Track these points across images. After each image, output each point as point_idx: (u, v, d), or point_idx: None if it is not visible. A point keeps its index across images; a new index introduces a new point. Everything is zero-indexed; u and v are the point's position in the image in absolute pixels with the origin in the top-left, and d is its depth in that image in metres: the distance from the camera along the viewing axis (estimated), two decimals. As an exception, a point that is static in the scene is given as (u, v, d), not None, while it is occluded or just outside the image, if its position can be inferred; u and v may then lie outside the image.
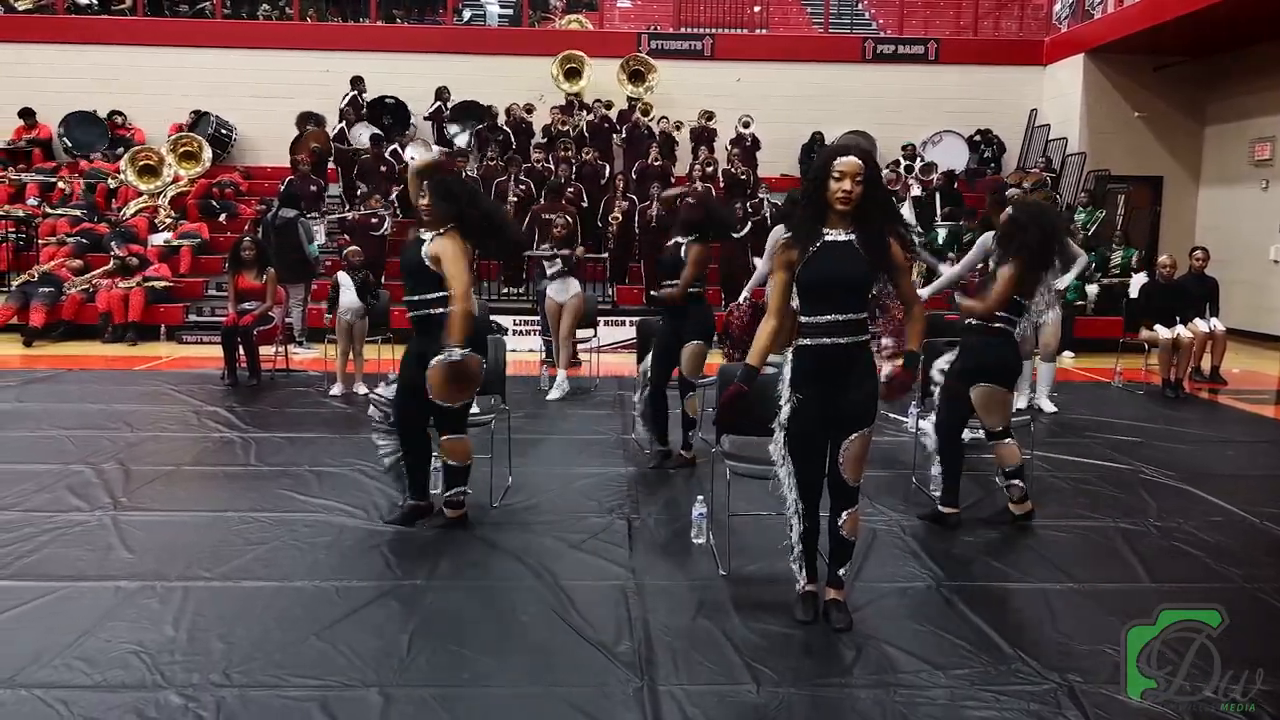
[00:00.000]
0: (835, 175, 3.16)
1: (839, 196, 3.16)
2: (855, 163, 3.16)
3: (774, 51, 14.80)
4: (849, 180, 3.15)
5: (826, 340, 3.22)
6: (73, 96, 13.83)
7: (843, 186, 3.15)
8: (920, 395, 5.08)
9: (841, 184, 3.16)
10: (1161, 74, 13.38)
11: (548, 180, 11.08)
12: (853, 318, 3.24)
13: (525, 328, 10.43)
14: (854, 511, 3.37)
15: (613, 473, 5.39)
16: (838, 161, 3.18)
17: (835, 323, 3.21)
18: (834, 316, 3.21)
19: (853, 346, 3.25)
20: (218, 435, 6.13)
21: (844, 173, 3.15)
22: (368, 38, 14.57)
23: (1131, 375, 8.85)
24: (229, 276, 8.22)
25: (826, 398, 3.26)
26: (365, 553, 4.04)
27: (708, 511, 4.20)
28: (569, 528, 4.38)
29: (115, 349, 10.12)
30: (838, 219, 3.23)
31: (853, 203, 3.17)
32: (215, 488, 5.02)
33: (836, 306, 3.21)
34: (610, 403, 7.48)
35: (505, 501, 4.78)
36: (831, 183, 3.17)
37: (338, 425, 6.47)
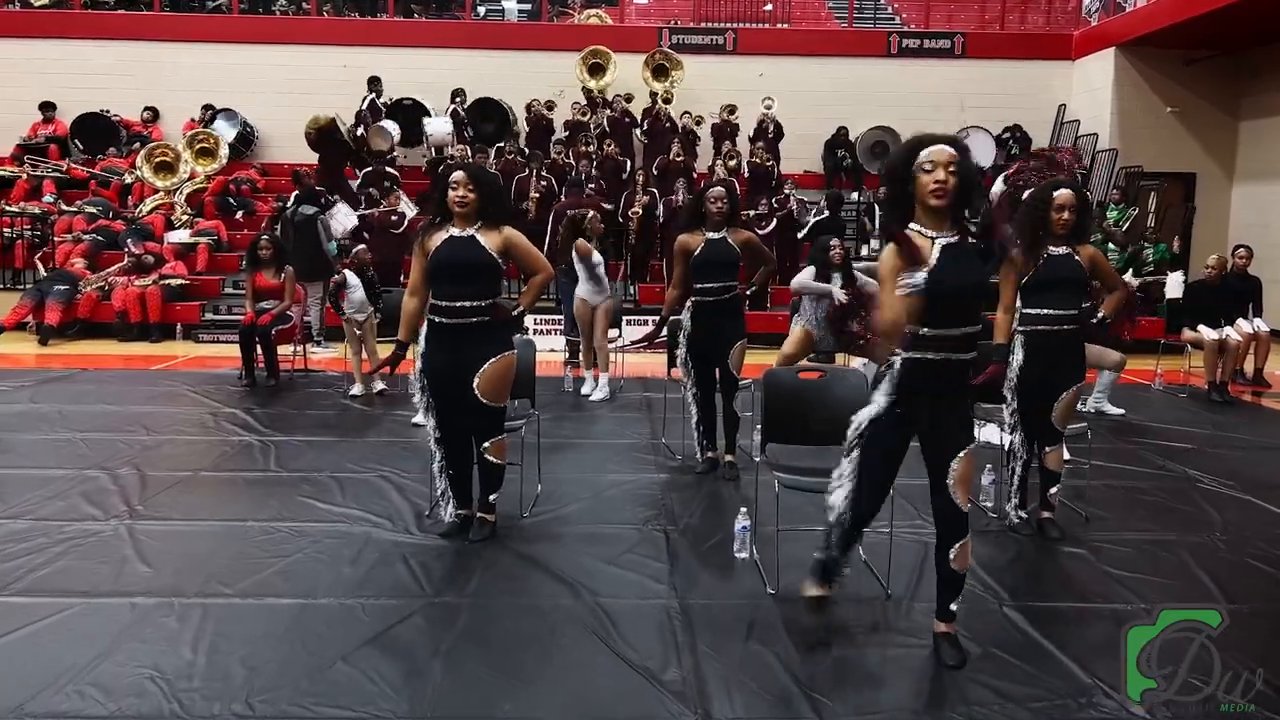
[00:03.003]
0: (926, 167, 2.88)
1: (932, 189, 2.88)
2: (948, 151, 2.90)
3: (797, 46, 14.55)
4: (942, 169, 2.87)
5: (946, 355, 2.96)
6: (89, 93, 13.73)
7: (935, 177, 2.87)
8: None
9: (934, 175, 2.87)
10: (1194, 68, 13.07)
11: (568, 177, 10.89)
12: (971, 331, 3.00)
13: (548, 327, 10.23)
14: (965, 543, 3.07)
15: (644, 479, 5.18)
16: (926, 152, 2.90)
17: (961, 336, 2.97)
18: (963, 329, 2.97)
19: (969, 362, 3.03)
20: (236, 439, 5.94)
21: (936, 162, 2.87)
22: (385, 33, 14.40)
23: (1171, 377, 8.60)
24: (246, 275, 8.05)
25: (927, 412, 3.02)
26: (391, 566, 3.84)
27: (751, 525, 3.97)
28: (604, 540, 4.17)
29: (131, 348, 9.98)
30: (932, 218, 2.96)
31: (949, 195, 2.89)
32: (234, 495, 4.83)
33: (964, 318, 2.97)
34: (637, 404, 7.27)
35: (535, 510, 4.57)
36: (922, 175, 2.90)
37: (359, 428, 6.29)
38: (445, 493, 4.24)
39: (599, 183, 11.40)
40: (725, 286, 5.12)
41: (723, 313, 5.13)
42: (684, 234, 5.20)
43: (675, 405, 5.96)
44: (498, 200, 4.15)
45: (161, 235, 11.63)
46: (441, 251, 4.00)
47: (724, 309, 5.13)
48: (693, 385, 5.28)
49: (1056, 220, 4.10)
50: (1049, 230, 4.12)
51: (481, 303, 4.00)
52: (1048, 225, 4.11)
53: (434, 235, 4.05)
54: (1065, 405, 4.27)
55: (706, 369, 5.24)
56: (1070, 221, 4.12)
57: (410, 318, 4.15)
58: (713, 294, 5.12)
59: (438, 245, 4.01)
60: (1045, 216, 4.11)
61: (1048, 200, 4.12)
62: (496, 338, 4.05)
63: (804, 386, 4.00)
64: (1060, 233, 4.14)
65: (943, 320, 2.93)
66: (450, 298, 3.98)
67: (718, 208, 5.05)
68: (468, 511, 4.25)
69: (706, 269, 5.10)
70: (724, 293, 5.12)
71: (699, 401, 5.30)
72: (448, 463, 4.20)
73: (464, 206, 3.99)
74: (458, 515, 4.23)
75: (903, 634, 3.35)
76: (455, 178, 4.02)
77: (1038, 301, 4.21)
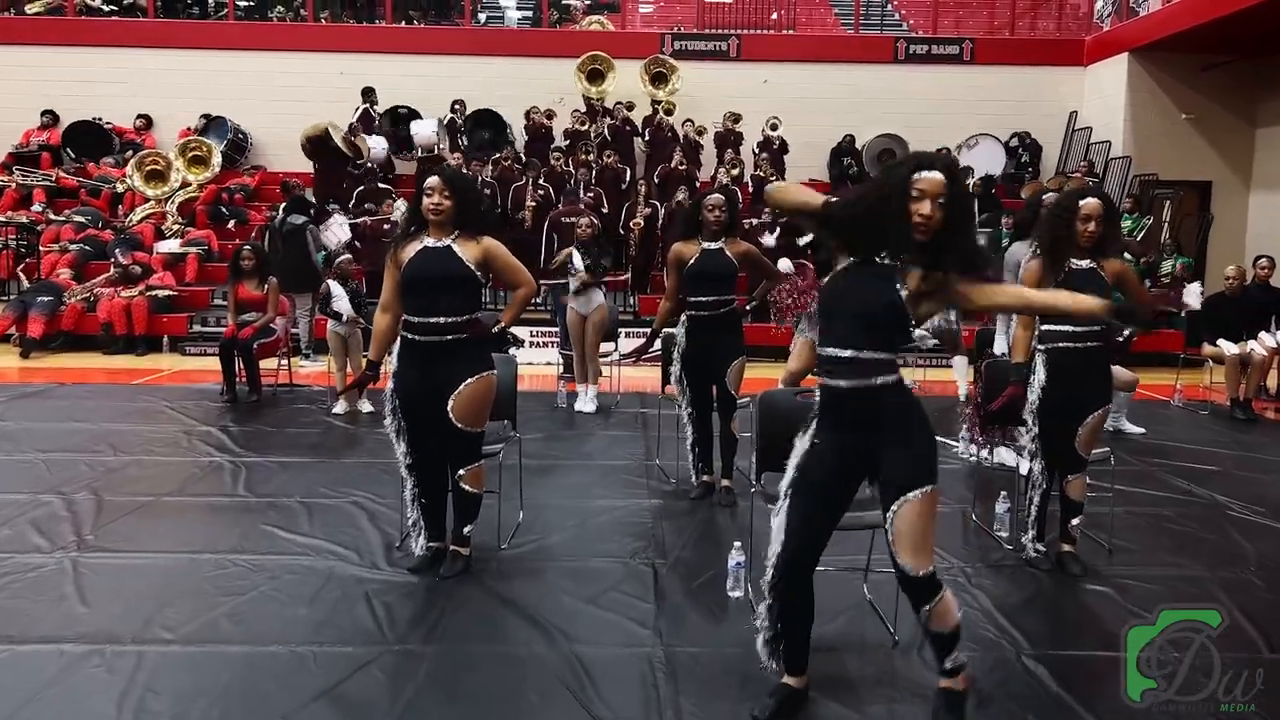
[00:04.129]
0: (914, 194, 2.48)
1: (916, 222, 2.48)
2: (938, 179, 2.48)
3: (802, 52, 14.26)
4: (929, 202, 2.47)
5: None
6: (83, 100, 13.51)
7: (920, 209, 2.47)
8: (983, 420, 4.51)
9: (920, 205, 2.47)
10: (1210, 74, 12.73)
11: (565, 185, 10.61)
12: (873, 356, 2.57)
13: (543, 339, 9.93)
14: (938, 601, 2.58)
15: (634, 506, 4.85)
16: (920, 177, 2.48)
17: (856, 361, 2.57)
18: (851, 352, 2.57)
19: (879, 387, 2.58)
20: (207, 460, 5.64)
21: (925, 191, 2.47)
22: (383, 40, 14.15)
23: (1191, 393, 8.25)
24: (228, 287, 7.75)
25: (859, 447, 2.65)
26: (353, 606, 3.53)
27: (747, 560, 3.65)
28: (586, 576, 3.85)
29: (115, 361, 9.69)
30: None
31: (930, 231, 2.49)
32: (194, 523, 4.51)
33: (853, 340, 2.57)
34: (632, 421, 6.95)
35: (515, 541, 4.25)
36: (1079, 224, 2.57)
37: (338, 448, 5.98)
38: (417, 523, 3.93)
39: (597, 191, 11.10)
40: (720, 301, 4.80)
41: (719, 328, 4.82)
42: (679, 242, 4.90)
43: (670, 423, 5.65)
44: (476, 208, 3.86)
45: (151, 245, 11.36)
46: (414, 264, 3.69)
47: (720, 324, 4.82)
48: (687, 404, 4.98)
49: (1081, 232, 3.77)
50: (1072, 242, 3.80)
51: (458, 319, 3.69)
52: (1071, 236, 3.78)
53: (407, 246, 3.75)
54: (1090, 430, 3.94)
55: (702, 387, 4.93)
56: (1096, 234, 3.79)
57: (381, 336, 3.86)
58: (707, 308, 4.80)
59: (411, 257, 3.71)
60: (1069, 227, 3.78)
61: (1072, 209, 3.79)
62: (474, 357, 3.75)
63: (802, 409, 3.66)
64: (1085, 245, 3.81)
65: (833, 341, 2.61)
66: (424, 313, 3.68)
67: (715, 216, 4.75)
68: (440, 544, 3.93)
69: (700, 281, 4.79)
70: (719, 307, 4.81)
71: (694, 421, 4.99)
72: (420, 491, 3.89)
73: (438, 214, 3.69)
74: (429, 548, 3.92)
75: (912, 686, 3.02)
76: (429, 183, 3.72)
77: (1060, 318, 3.89)
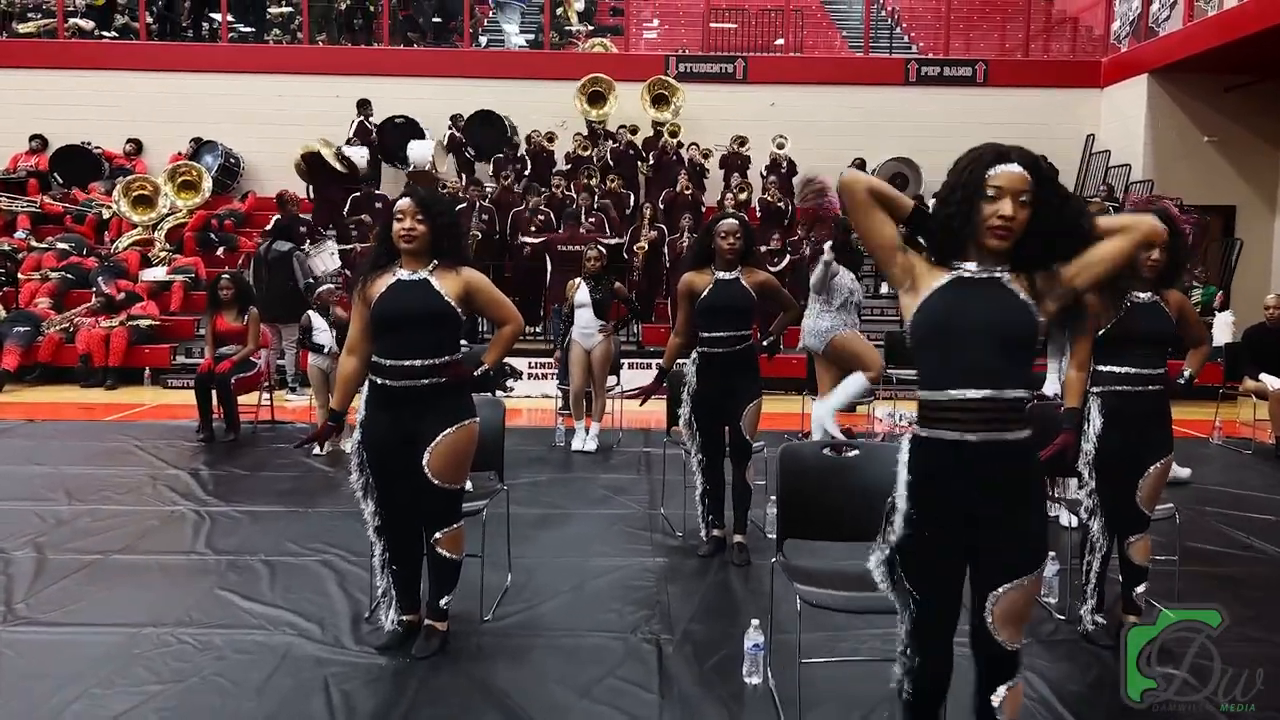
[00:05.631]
0: (989, 192, 2.08)
1: (994, 225, 2.08)
2: (1018, 174, 2.07)
3: (811, 74, 13.88)
4: (1010, 200, 2.07)
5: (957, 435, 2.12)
6: (73, 124, 13.17)
7: (1000, 210, 2.08)
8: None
9: (999, 205, 2.08)
10: (1233, 95, 12.34)
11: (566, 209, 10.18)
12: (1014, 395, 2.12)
13: (542, 370, 9.46)
14: (1016, 686, 2.21)
15: (637, 565, 4.35)
16: (996, 172, 2.08)
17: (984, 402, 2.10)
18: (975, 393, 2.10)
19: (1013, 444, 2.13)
20: (169, 509, 5.15)
21: (1003, 189, 2.08)
22: (381, 62, 13.79)
23: (1230, 429, 7.76)
24: (206, 317, 7.30)
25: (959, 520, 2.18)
26: (308, 696, 3.02)
27: (766, 641, 3.14)
28: (581, 657, 3.34)
29: (92, 395, 9.24)
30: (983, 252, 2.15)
31: (1013, 234, 2.10)
32: (140, 588, 4.00)
33: (985, 371, 2.10)
34: (634, 462, 6.47)
35: (500, 611, 3.75)
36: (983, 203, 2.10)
37: (313, 494, 5.49)
38: (387, 593, 3.43)
39: (599, 217, 10.67)
40: (736, 336, 4.33)
41: (733, 366, 4.34)
42: (690, 272, 4.44)
43: (676, 465, 5.15)
44: (454, 234, 3.38)
45: (136, 273, 10.94)
46: (386, 299, 3.23)
47: (735, 362, 4.34)
48: (697, 450, 4.49)
49: (1144, 260, 3.31)
50: (1134, 272, 3.33)
51: (435, 361, 3.22)
52: (1133, 266, 3.32)
53: (377, 279, 3.29)
54: (1154, 483, 3.46)
55: (714, 430, 4.44)
56: (1161, 263, 3.32)
57: (346, 381, 3.39)
58: (722, 344, 4.33)
59: (382, 292, 3.24)
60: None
61: None
62: (454, 404, 3.28)
63: (827, 465, 3.18)
64: (1148, 276, 3.34)
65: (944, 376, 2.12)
66: (396, 355, 3.21)
67: (729, 244, 4.28)
68: (414, 618, 3.44)
69: (714, 315, 4.32)
70: (735, 343, 4.34)
71: (705, 470, 4.49)
72: (391, 557, 3.40)
73: (411, 241, 3.23)
74: (401, 622, 3.42)
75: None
76: (399, 205, 3.27)
77: (1117, 358, 3.41)
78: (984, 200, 2.08)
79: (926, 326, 2.15)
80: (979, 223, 2.10)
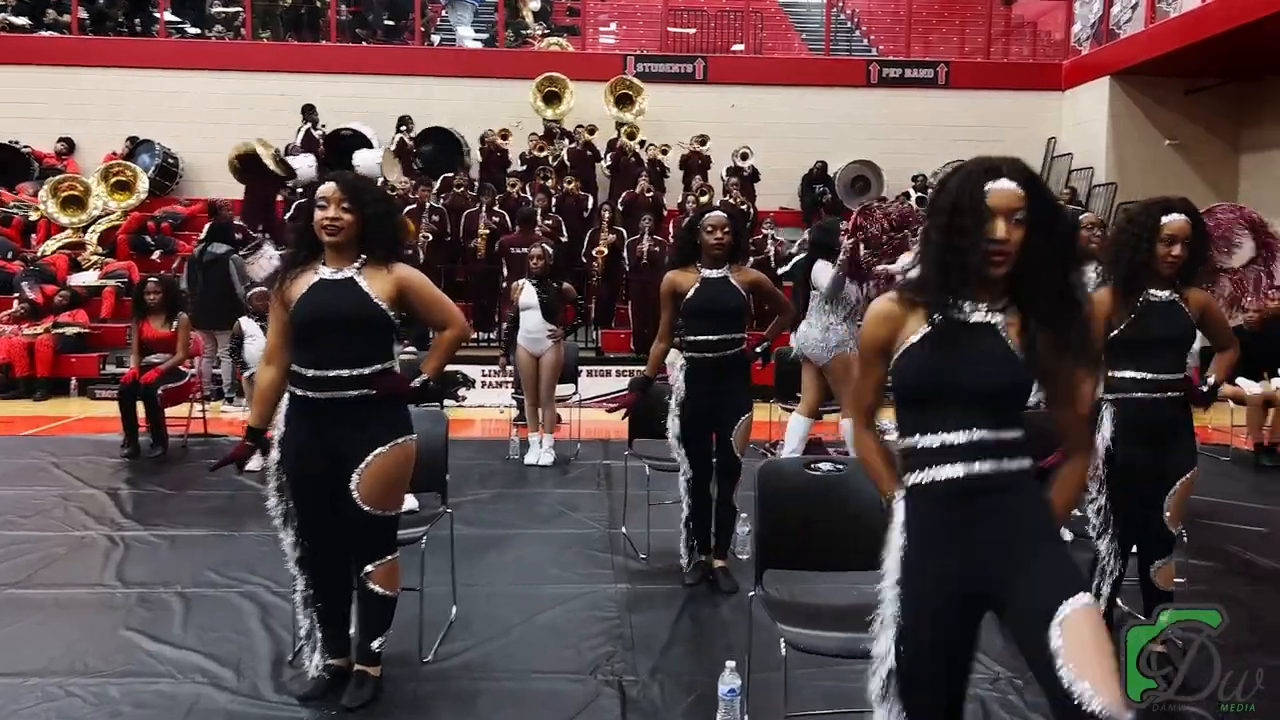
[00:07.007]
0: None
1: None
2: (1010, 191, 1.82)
3: (772, 75, 13.61)
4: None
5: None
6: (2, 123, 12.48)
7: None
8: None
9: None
10: (1194, 98, 12.30)
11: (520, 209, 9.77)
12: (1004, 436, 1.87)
13: (496, 379, 9.03)
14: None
15: (598, 592, 3.96)
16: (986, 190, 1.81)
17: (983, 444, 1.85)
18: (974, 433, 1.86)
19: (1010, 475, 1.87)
20: (79, 534, 4.66)
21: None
22: (328, 59, 13.25)
23: (1205, 435, 7.56)
24: (132, 324, 6.79)
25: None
26: (214, 761, 2.60)
27: (743, 685, 2.77)
28: (533, 705, 2.95)
29: (14, 407, 8.64)
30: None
31: (1009, 258, 1.84)
32: (34, 629, 3.53)
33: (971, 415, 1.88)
34: (593, 475, 6.08)
35: (443, 650, 3.34)
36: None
37: (241, 515, 4.99)
38: (311, 634, 3.01)
39: (556, 219, 10.28)
40: (726, 340, 3.97)
41: (723, 373, 3.97)
42: (673, 271, 4.06)
43: (638, 480, 4.76)
44: (386, 225, 2.96)
45: (64, 278, 10.32)
46: (307, 300, 2.82)
47: (725, 368, 3.97)
48: (687, 468, 4.10)
49: (1164, 256, 2.99)
50: (1152, 268, 3.02)
51: (364, 371, 2.81)
52: (1151, 262, 3.01)
53: (297, 279, 2.87)
54: (1179, 499, 3.17)
55: (704, 445, 4.05)
56: (1181, 259, 3.01)
57: (264, 395, 2.97)
58: (711, 348, 3.96)
59: (302, 293, 2.83)
60: (1149, 249, 3.00)
61: (1153, 228, 3.01)
62: (387, 420, 2.87)
63: (813, 485, 2.82)
64: (1167, 273, 3.04)
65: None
66: (319, 365, 2.79)
67: (717, 239, 3.91)
68: (342, 662, 3.02)
69: (701, 317, 3.96)
70: (725, 347, 3.97)
71: (692, 490, 4.09)
72: (315, 594, 2.98)
73: (335, 234, 2.81)
74: (328, 668, 3.00)
75: None
76: (322, 191, 2.84)
77: (1133, 361, 3.11)
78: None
79: (903, 389, 1.90)
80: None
